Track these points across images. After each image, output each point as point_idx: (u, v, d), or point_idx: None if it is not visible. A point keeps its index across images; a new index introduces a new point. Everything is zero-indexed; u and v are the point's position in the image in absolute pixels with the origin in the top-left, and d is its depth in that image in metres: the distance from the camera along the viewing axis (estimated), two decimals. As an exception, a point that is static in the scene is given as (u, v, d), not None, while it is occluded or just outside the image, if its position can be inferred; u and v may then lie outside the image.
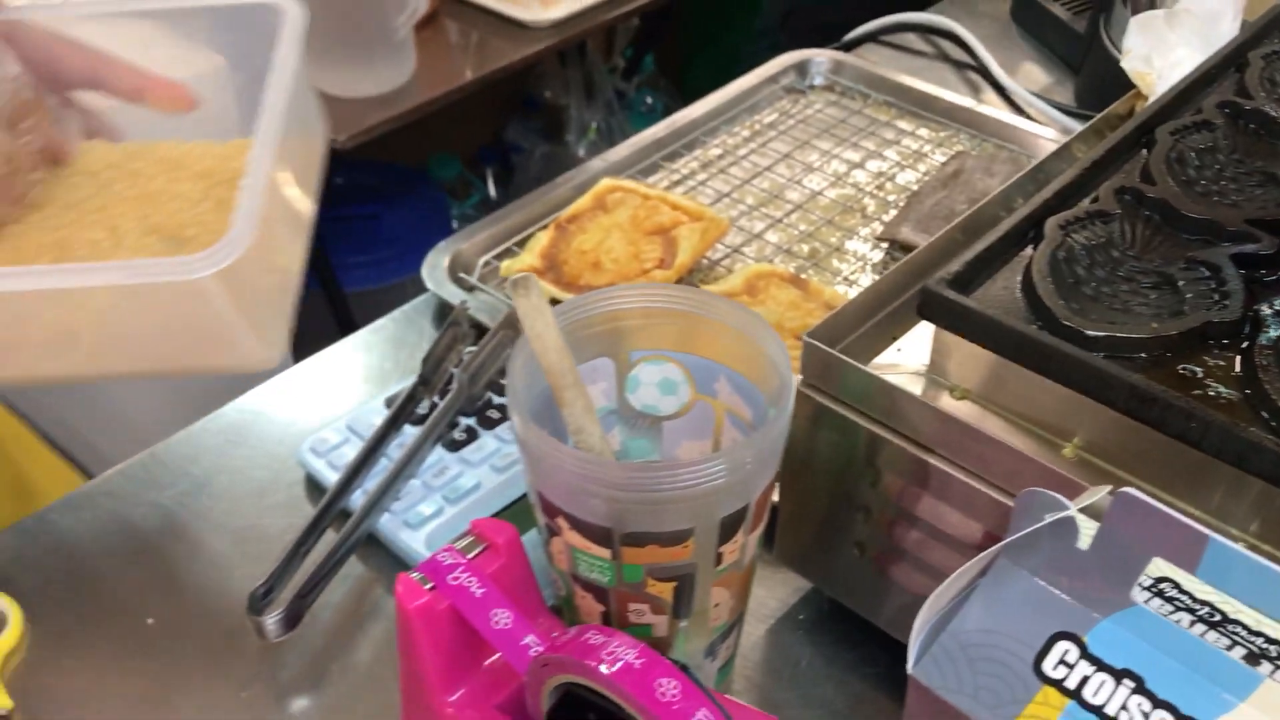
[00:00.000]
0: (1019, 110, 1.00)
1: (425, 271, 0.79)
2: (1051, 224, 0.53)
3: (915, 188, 0.88)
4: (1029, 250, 0.53)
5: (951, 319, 0.50)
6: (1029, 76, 1.07)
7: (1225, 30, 0.70)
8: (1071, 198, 0.56)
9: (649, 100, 2.32)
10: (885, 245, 0.83)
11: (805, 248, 0.84)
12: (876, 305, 0.57)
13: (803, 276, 0.78)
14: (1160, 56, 0.69)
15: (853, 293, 0.79)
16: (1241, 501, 0.45)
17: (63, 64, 0.56)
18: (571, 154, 2.15)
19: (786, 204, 0.88)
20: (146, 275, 0.50)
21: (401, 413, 0.68)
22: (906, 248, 0.81)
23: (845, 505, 0.55)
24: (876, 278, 0.81)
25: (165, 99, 0.56)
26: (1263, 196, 0.56)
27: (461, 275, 0.79)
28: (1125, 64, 0.70)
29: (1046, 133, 0.92)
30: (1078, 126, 0.94)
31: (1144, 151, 0.59)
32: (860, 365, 0.51)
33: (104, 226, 0.57)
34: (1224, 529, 0.45)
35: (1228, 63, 0.66)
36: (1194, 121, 0.60)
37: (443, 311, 0.79)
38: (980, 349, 0.49)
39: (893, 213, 0.86)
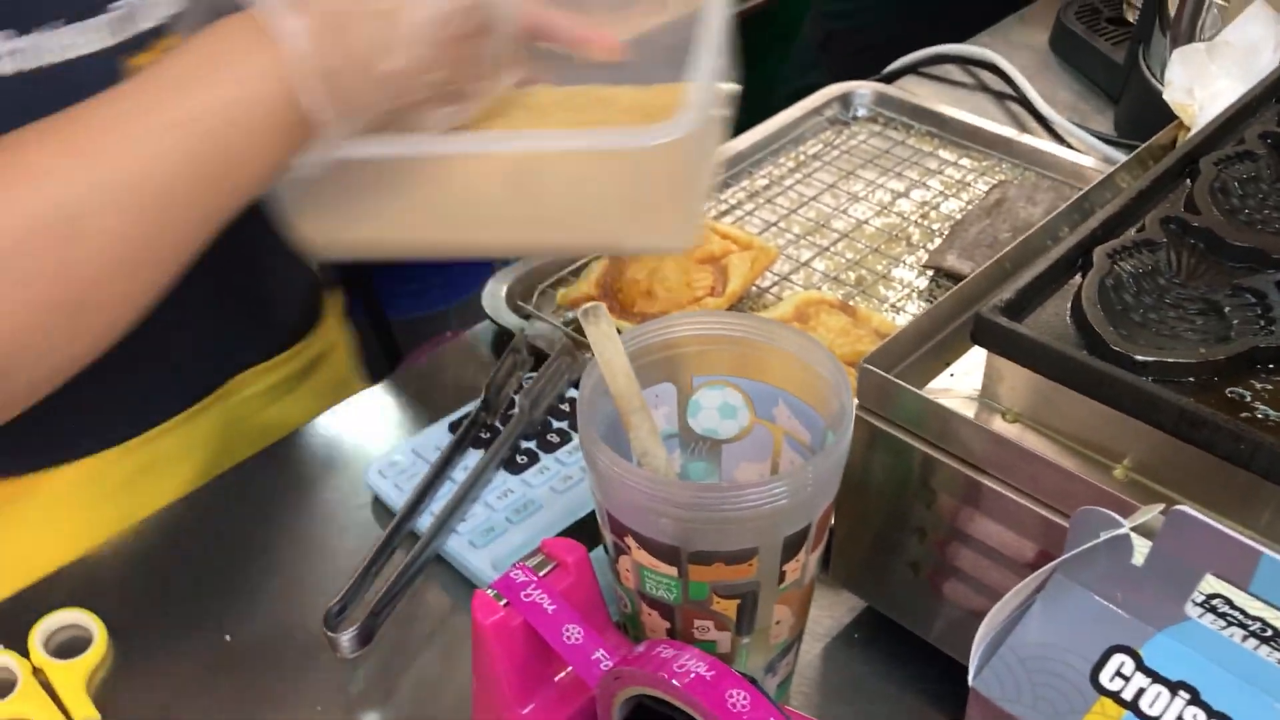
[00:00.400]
0: (1060, 139, 1.02)
1: (485, 300, 0.81)
2: (1099, 253, 0.55)
3: (959, 216, 0.90)
4: (1078, 278, 0.55)
5: (1004, 344, 0.52)
6: (1069, 106, 1.08)
7: (1266, 61, 0.72)
8: (1118, 227, 0.58)
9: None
10: (931, 273, 0.85)
11: (852, 275, 0.86)
12: (929, 332, 0.59)
13: (851, 304, 0.80)
14: (1202, 88, 0.71)
15: (900, 319, 0.81)
16: (1291, 521, 0.47)
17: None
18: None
19: (833, 233, 0.90)
20: (616, 141, 0.57)
21: (465, 436, 0.70)
22: (952, 275, 0.83)
23: (900, 526, 0.57)
24: (924, 304, 0.83)
25: (603, 48, 0.64)
26: (1306, 225, 0.58)
27: (520, 303, 0.82)
28: (1167, 95, 0.72)
29: (1087, 161, 0.93)
30: (1118, 155, 0.96)
31: (1188, 181, 0.61)
32: (915, 389, 0.53)
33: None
34: (1275, 547, 0.47)
35: (1269, 93, 0.67)
36: (1236, 152, 0.62)
37: (500, 339, 0.82)
38: (1032, 373, 0.51)
39: (938, 241, 0.87)
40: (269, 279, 0.84)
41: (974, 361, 0.57)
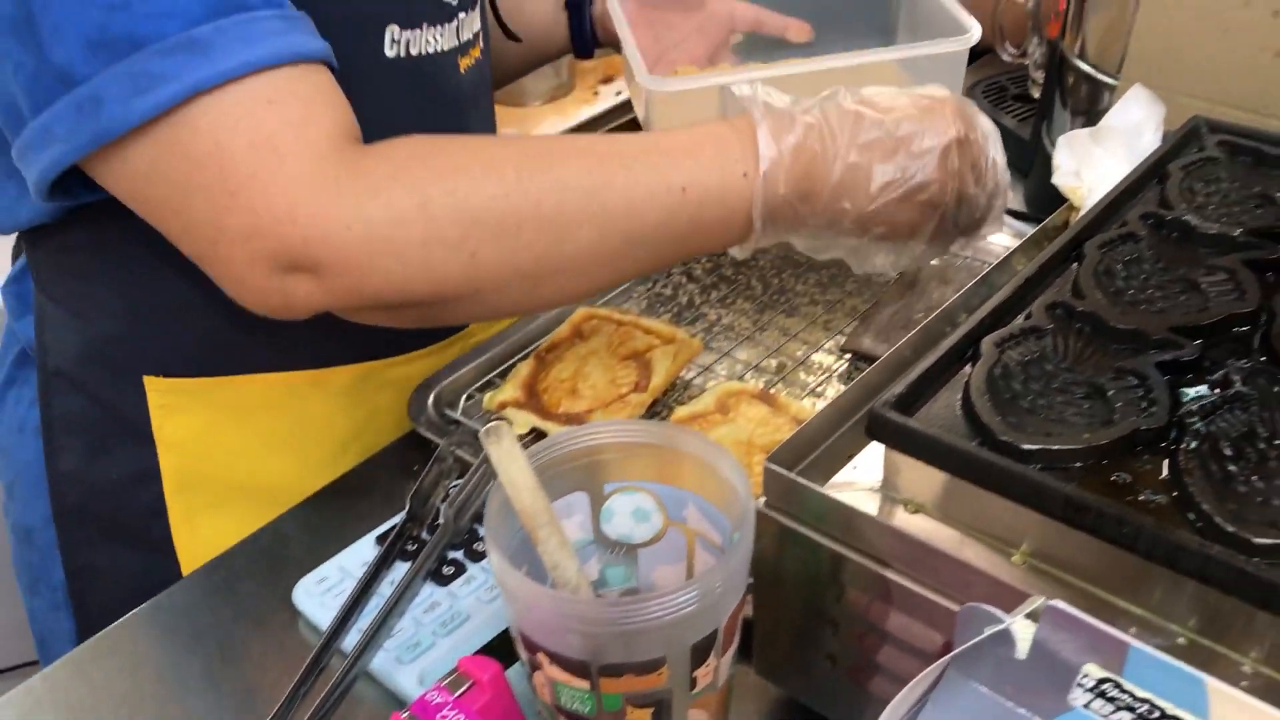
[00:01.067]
0: (972, 216, 1.05)
1: (410, 409, 0.82)
2: (987, 343, 0.57)
3: (875, 299, 0.92)
4: (968, 368, 0.57)
5: (897, 439, 0.53)
6: (981, 182, 1.11)
7: (1148, 142, 0.75)
8: (1007, 315, 0.60)
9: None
10: (849, 356, 0.87)
11: (774, 362, 0.87)
12: (834, 425, 0.60)
13: (772, 391, 0.82)
14: (1088, 170, 0.74)
15: (820, 404, 0.83)
16: (1180, 599, 0.48)
17: (738, 15, 1.03)
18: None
19: (756, 320, 0.92)
20: (947, 46, 0.87)
21: (392, 549, 0.71)
22: (869, 357, 0.85)
23: (816, 619, 0.58)
24: (843, 387, 0.85)
25: (799, 32, 1.00)
26: (1185, 303, 0.60)
27: (446, 411, 0.83)
28: (1056, 180, 0.75)
29: (998, 239, 0.96)
30: (1027, 230, 0.99)
31: (1074, 265, 0.63)
32: (817, 487, 0.54)
33: None
34: (1165, 626, 0.48)
35: (1150, 175, 0.70)
36: (1120, 234, 0.65)
37: (429, 447, 0.82)
38: (927, 465, 0.53)
39: (855, 324, 0.89)
40: None
41: (876, 453, 0.58)
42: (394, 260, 0.62)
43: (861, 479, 0.57)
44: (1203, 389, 0.54)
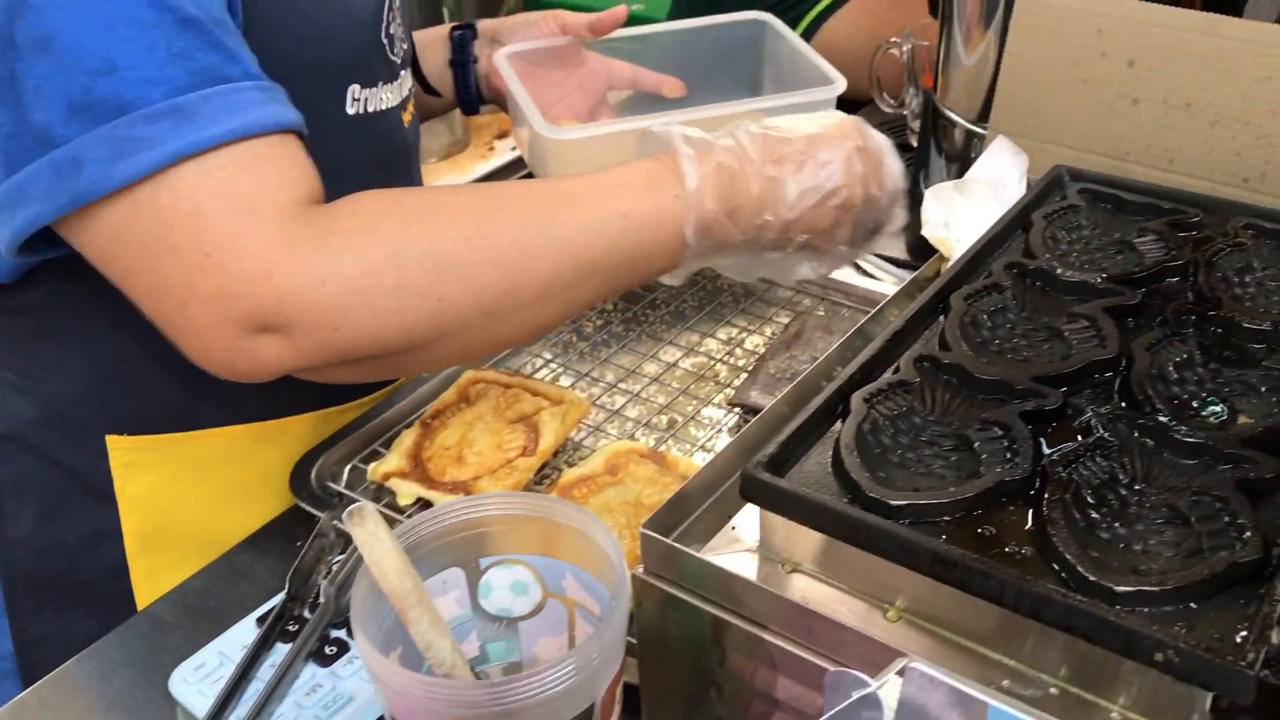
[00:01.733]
0: (857, 267, 1.06)
1: (292, 483, 0.80)
2: (857, 398, 0.57)
3: (762, 350, 0.93)
4: (840, 424, 0.57)
5: (769, 499, 0.53)
6: (865, 231, 1.13)
7: (1013, 192, 0.77)
8: (876, 369, 0.61)
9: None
10: (738, 410, 0.87)
11: (664, 419, 0.87)
12: (712, 486, 0.60)
13: (661, 449, 0.81)
14: (956, 221, 0.75)
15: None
16: (1049, 649, 0.48)
17: (615, 74, 1.05)
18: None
19: (644, 378, 0.92)
20: (819, 95, 0.92)
21: (272, 631, 0.69)
22: (756, 411, 0.85)
23: (701, 684, 0.57)
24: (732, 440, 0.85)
25: (672, 88, 1.03)
26: (1049, 351, 0.61)
27: (328, 483, 0.81)
28: (925, 232, 0.76)
29: (883, 287, 0.98)
30: (910, 278, 1.01)
31: (941, 318, 0.64)
32: (693, 552, 0.54)
33: None
34: (1037, 677, 0.49)
35: (1014, 224, 0.72)
36: (985, 285, 0.66)
37: (314, 522, 0.80)
38: (800, 524, 0.53)
39: (744, 377, 0.90)
40: None
41: (754, 513, 0.58)
42: (366, 311, 0.64)
43: (741, 539, 0.57)
44: (1066, 441, 0.55)
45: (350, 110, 0.80)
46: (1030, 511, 0.51)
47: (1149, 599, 0.46)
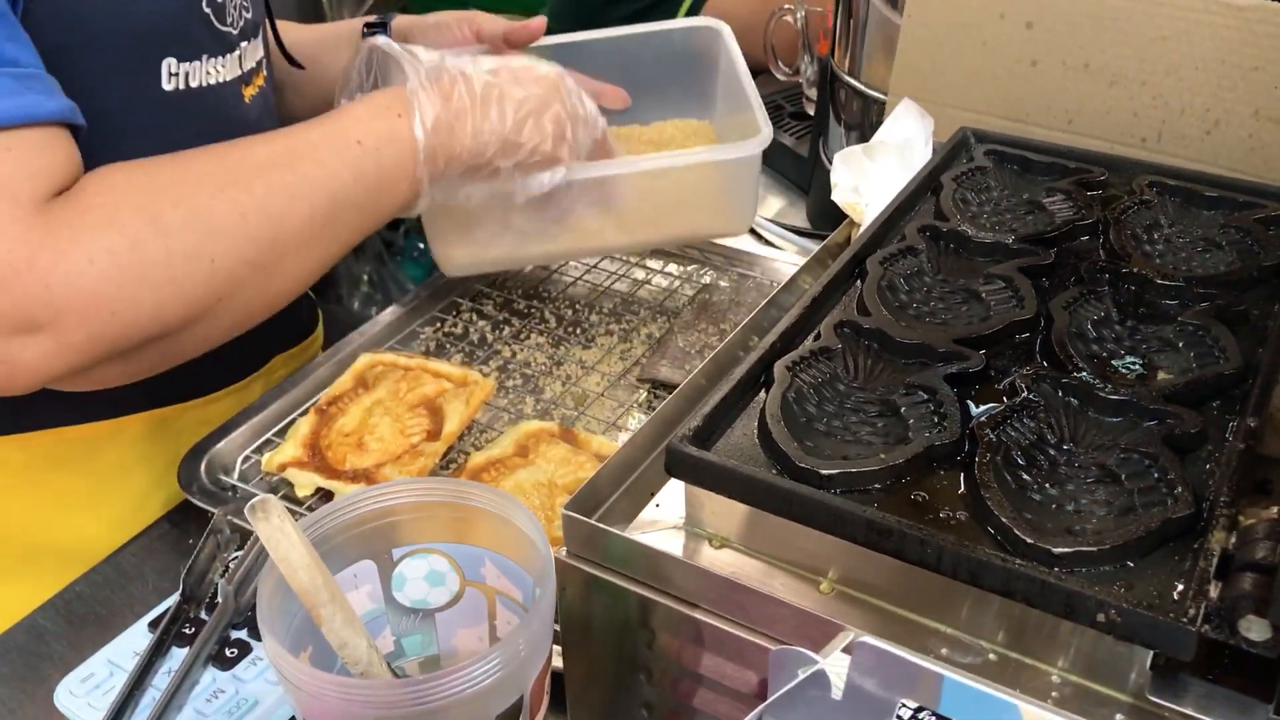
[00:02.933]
0: (759, 237, 1.05)
1: (181, 477, 0.76)
2: (779, 367, 0.56)
3: (670, 325, 0.91)
4: (763, 394, 0.55)
5: (695, 474, 0.51)
6: (764, 203, 1.12)
7: (921, 155, 0.76)
8: (797, 336, 0.59)
9: (420, 246, 2.33)
10: (648, 385, 0.85)
11: (571, 397, 0.85)
12: (633, 463, 0.58)
13: (572, 429, 0.79)
14: (866, 185, 0.74)
15: (622, 438, 0.81)
16: (986, 614, 0.47)
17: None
18: (347, 309, 2.13)
19: (550, 357, 0.89)
20: (729, 154, 0.85)
21: (167, 635, 0.65)
22: (667, 386, 0.83)
23: (629, 668, 0.55)
24: (643, 418, 0.83)
25: (613, 99, 0.95)
26: (968, 313, 0.61)
27: (221, 476, 0.77)
28: (835, 196, 0.75)
29: (787, 256, 0.96)
30: (813, 246, 1.00)
31: (858, 282, 0.63)
32: (618, 531, 0.52)
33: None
34: (975, 643, 0.48)
35: (924, 188, 0.71)
36: (900, 249, 0.65)
37: (206, 518, 0.76)
38: (730, 499, 0.51)
39: (652, 352, 0.88)
40: None
41: (679, 489, 0.56)
42: (141, 284, 0.61)
43: (666, 516, 0.55)
44: (992, 403, 0.54)
45: (167, 86, 0.75)
46: (962, 475, 0.50)
47: (1087, 559, 0.46)
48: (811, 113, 1.14)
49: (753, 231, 1.06)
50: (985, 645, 0.47)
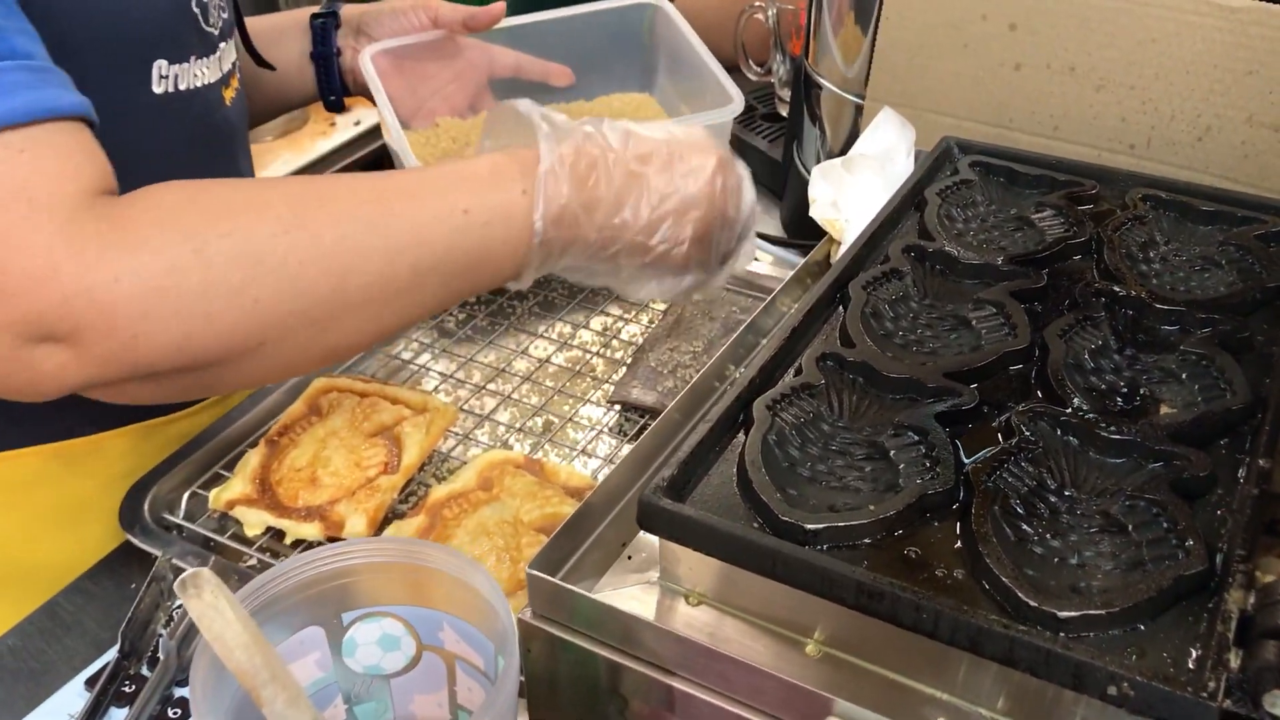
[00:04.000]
0: (732, 244, 1.01)
1: (122, 517, 0.71)
2: (759, 406, 0.52)
3: (640, 341, 0.87)
4: (742, 436, 0.51)
5: (670, 529, 0.47)
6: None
7: (902, 167, 0.72)
8: (776, 371, 0.55)
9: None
10: (618, 407, 0.81)
11: (539, 422, 0.81)
12: (602, 512, 0.54)
13: (538, 456, 0.75)
14: (845, 200, 0.71)
15: (591, 465, 0.77)
16: (984, 679, 0.44)
17: (497, 62, 0.99)
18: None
19: (515, 376, 0.85)
20: (714, 118, 0.87)
21: (105, 694, 0.60)
22: (638, 408, 0.79)
23: (600, 733, 0.51)
24: (614, 441, 0.79)
25: (559, 77, 0.98)
26: (958, 342, 0.57)
27: (165, 515, 0.72)
28: (814, 213, 0.71)
29: (761, 268, 0.92)
30: (789, 255, 0.96)
31: (840, 309, 0.59)
32: (585, 593, 0.48)
33: None
34: (972, 710, 0.44)
35: (908, 203, 0.67)
36: (884, 271, 0.61)
37: (149, 561, 0.71)
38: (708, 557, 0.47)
39: (622, 370, 0.84)
40: None
41: (652, 538, 0.52)
42: (169, 314, 0.56)
43: (638, 570, 0.52)
44: (986, 443, 0.50)
45: (158, 89, 0.72)
46: (958, 526, 0.47)
47: (1094, 623, 0.42)
48: (785, 114, 1.10)
49: (725, 240, 1.02)
50: (985, 714, 0.44)
